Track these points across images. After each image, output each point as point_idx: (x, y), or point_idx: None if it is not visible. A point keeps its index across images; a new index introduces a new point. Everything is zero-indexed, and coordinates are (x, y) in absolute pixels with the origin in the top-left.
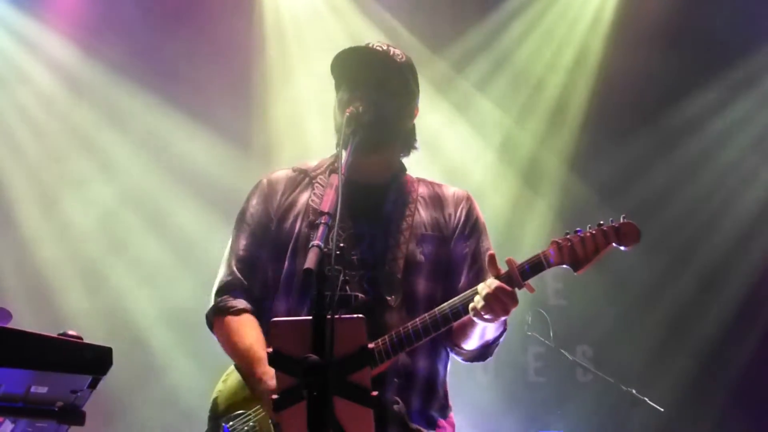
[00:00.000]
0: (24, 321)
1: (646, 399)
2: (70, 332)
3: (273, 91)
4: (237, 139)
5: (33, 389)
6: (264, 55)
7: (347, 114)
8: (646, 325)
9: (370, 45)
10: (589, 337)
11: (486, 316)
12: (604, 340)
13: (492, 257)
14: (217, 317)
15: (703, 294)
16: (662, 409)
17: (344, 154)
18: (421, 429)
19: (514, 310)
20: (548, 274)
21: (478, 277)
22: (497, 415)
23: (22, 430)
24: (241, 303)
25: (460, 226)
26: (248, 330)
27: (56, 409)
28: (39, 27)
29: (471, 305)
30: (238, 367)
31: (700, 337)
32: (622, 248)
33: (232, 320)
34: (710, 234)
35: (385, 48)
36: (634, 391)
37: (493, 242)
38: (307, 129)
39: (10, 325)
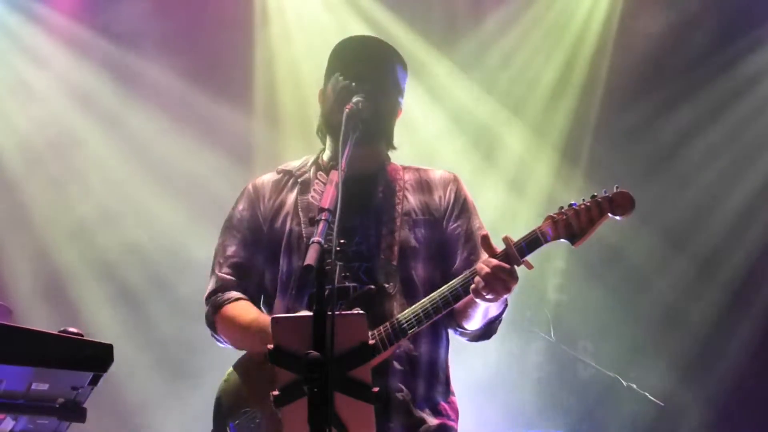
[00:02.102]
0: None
1: (647, 394)
2: (71, 329)
3: (261, 86)
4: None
5: (34, 386)
6: (258, 53)
7: (347, 111)
8: (647, 320)
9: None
10: (590, 332)
11: (488, 296)
12: (605, 335)
13: (486, 237)
14: (216, 314)
15: (705, 289)
16: (662, 404)
17: (344, 151)
18: (425, 416)
19: (515, 291)
20: (548, 269)
21: (472, 255)
22: (497, 411)
23: (23, 427)
24: (235, 294)
25: (449, 207)
26: (249, 309)
27: (57, 406)
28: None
29: (472, 286)
30: (239, 365)
31: (701, 331)
32: (617, 218)
33: (230, 307)
34: (711, 230)
35: (384, 42)
36: (635, 386)
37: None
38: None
39: (11, 321)
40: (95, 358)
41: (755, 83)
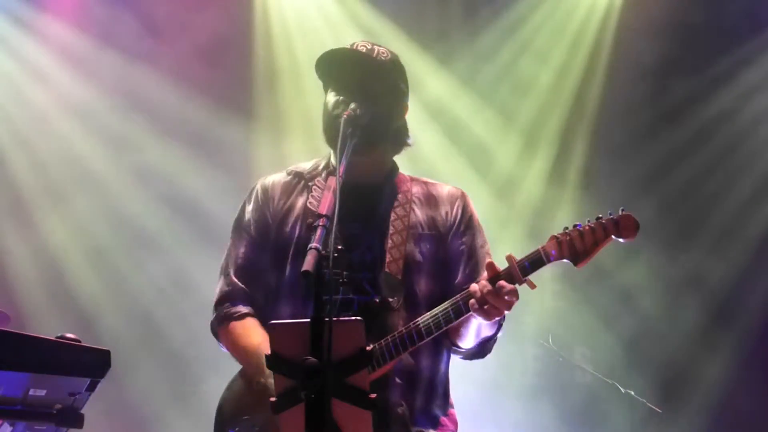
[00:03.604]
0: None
1: (644, 401)
2: (68, 335)
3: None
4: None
5: (31, 392)
6: (253, 59)
7: (344, 117)
8: (644, 326)
9: (354, 45)
10: (588, 338)
11: (489, 312)
12: (603, 341)
13: (491, 264)
14: (221, 326)
15: (699, 299)
16: (660, 410)
17: (342, 157)
18: (423, 430)
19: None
20: (547, 275)
21: (474, 273)
22: (495, 418)
23: None
24: (243, 308)
25: (456, 223)
26: (254, 332)
27: (54, 412)
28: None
29: (471, 301)
30: (243, 373)
31: (696, 340)
32: (621, 240)
33: (237, 325)
34: (711, 237)
35: (369, 47)
36: (632, 393)
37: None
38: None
39: (9, 328)
40: (93, 364)
41: (752, 95)
